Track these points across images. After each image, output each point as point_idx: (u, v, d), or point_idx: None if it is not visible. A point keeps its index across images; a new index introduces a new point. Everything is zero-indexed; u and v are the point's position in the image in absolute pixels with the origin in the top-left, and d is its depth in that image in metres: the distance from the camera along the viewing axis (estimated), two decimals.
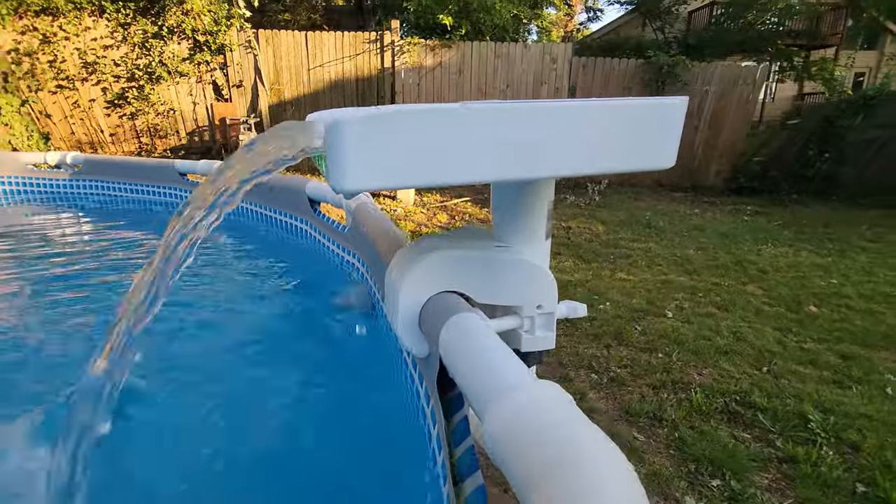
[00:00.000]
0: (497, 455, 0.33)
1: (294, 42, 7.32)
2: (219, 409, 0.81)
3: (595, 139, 0.41)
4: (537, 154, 0.40)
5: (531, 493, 0.28)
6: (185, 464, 0.70)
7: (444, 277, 0.54)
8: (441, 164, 0.39)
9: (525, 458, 0.30)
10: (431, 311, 0.53)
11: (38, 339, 1.13)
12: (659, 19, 11.84)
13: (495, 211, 0.60)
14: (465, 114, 0.38)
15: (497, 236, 0.60)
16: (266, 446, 0.73)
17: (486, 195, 6.74)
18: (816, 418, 2.12)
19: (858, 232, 5.65)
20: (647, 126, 0.42)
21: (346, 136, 0.36)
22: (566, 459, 0.28)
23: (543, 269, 0.57)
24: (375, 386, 0.83)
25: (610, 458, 0.28)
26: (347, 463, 0.66)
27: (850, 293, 3.66)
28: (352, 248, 1.17)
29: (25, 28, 6.39)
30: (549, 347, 0.58)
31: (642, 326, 2.97)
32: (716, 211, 6.88)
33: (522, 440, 0.31)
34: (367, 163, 0.37)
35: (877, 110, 7.28)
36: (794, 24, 11.82)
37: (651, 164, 0.44)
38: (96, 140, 7.14)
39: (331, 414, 0.79)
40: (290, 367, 0.94)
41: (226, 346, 1.02)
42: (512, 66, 7.68)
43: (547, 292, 0.57)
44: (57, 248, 1.84)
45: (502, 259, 0.55)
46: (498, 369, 0.39)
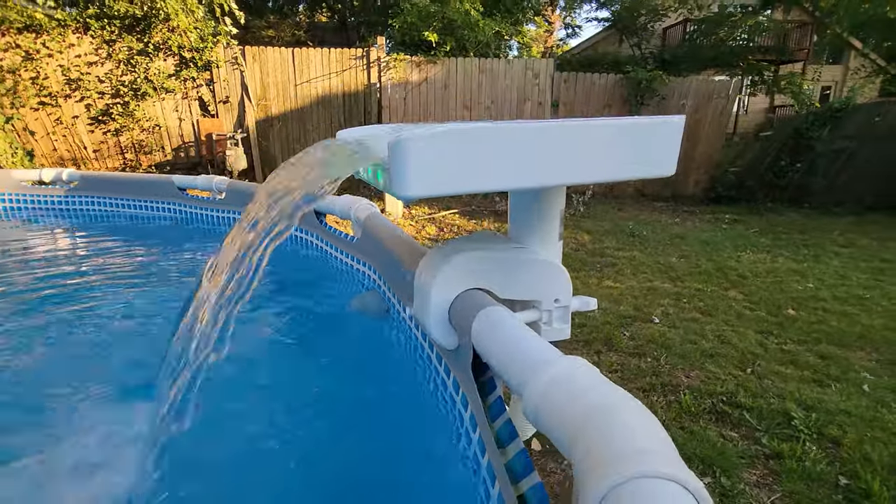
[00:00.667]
0: (540, 419, 0.39)
1: (281, 58, 7.39)
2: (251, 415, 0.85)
3: (613, 152, 0.49)
4: (564, 164, 0.48)
5: (574, 444, 0.35)
6: (230, 453, 0.73)
7: (470, 276, 0.61)
8: (484, 174, 0.45)
9: (565, 417, 0.37)
10: (460, 306, 0.59)
11: (39, 358, 1.14)
12: (635, 35, 12.26)
13: (513, 215, 0.67)
14: (504, 131, 0.45)
15: (514, 238, 0.67)
16: (298, 439, 0.77)
17: (473, 207, 6.84)
18: (799, 416, 2.21)
19: (831, 238, 5.89)
20: (653, 140, 0.50)
21: (409, 152, 0.43)
22: (600, 412, 0.34)
23: (559, 266, 0.64)
24: (397, 381, 0.88)
25: (636, 409, 0.34)
26: (383, 449, 0.71)
27: (826, 296, 3.82)
28: (362, 257, 1.23)
29: (8, 45, 6.34)
30: (565, 338, 0.64)
31: (630, 332, 3.06)
32: (696, 220, 7.09)
33: (561, 403, 0.38)
34: (426, 174, 0.44)
35: (844, 122, 7.63)
36: (764, 41, 12.35)
37: (657, 171, 0.52)
38: (79, 156, 7.07)
39: (358, 409, 0.84)
40: (310, 366, 0.98)
41: (244, 351, 1.06)
42: (496, 82, 7.86)
43: (563, 287, 0.64)
44: (51, 265, 1.84)
45: (522, 258, 0.62)
46: (530, 350, 0.45)
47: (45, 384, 1.03)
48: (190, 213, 2.15)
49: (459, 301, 0.60)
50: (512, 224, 0.67)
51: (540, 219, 0.64)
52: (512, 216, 0.67)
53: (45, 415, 0.90)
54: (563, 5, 16.77)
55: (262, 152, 7.69)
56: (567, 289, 0.64)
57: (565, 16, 17.97)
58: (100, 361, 1.11)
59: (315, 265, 1.49)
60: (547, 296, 0.63)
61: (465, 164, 0.44)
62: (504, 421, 0.49)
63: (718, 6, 11.84)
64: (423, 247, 0.87)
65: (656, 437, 0.30)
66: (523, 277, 0.62)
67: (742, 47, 11.47)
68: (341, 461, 0.70)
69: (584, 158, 0.48)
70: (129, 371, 1.07)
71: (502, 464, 0.45)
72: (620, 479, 0.26)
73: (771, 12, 12.55)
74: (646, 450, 0.28)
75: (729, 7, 11.73)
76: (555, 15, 17.36)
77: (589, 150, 0.48)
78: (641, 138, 0.49)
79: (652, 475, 0.26)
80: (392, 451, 0.71)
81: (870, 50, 13.57)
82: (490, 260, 0.61)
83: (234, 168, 6.93)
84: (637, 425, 0.31)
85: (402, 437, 0.74)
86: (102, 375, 1.04)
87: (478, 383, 0.55)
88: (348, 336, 1.07)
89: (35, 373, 1.08)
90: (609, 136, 0.48)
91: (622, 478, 0.26)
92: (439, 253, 0.63)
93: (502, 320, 0.51)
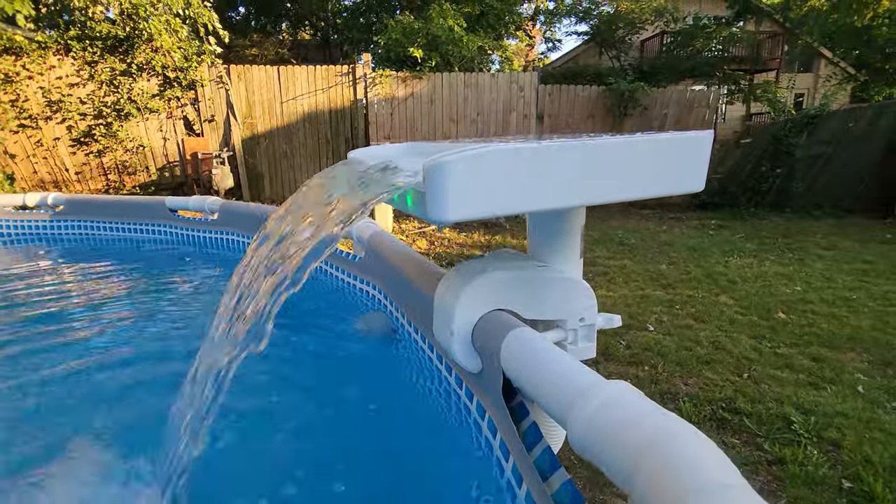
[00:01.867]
0: (589, 448, 0.38)
1: (266, 76, 7.38)
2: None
3: (647, 168, 0.49)
4: (600, 183, 0.47)
5: (635, 474, 0.33)
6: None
7: (493, 296, 0.60)
8: (524, 195, 0.45)
9: (619, 445, 0.35)
10: (485, 328, 0.58)
11: (27, 387, 1.09)
12: (614, 48, 12.54)
13: (533, 233, 0.66)
14: (543, 151, 0.44)
15: (535, 256, 0.66)
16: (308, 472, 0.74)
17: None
18: (798, 419, 2.22)
19: (814, 241, 6.01)
20: (684, 156, 0.50)
21: (449, 174, 0.42)
22: (662, 439, 0.33)
23: (583, 283, 0.63)
24: (409, 406, 0.85)
25: (697, 435, 0.33)
26: (407, 484, 0.68)
27: (814, 299, 3.89)
28: (366, 277, 1.21)
29: None
30: (590, 357, 0.63)
31: (626, 341, 3.07)
32: (682, 226, 7.19)
33: (613, 430, 0.37)
34: (464, 197, 0.43)
35: (819, 128, 7.86)
36: (738, 51, 12.72)
37: (687, 188, 0.52)
38: (61, 179, 6.94)
39: (373, 438, 0.81)
40: (315, 393, 0.95)
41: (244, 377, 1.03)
42: (482, 95, 7.95)
43: (588, 305, 0.63)
44: (36, 292, 1.78)
45: (546, 277, 0.61)
46: (570, 374, 0.44)
47: (33, 415, 0.98)
48: (182, 235, 2.11)
49: (483, 322, 0.59)
50: (532, 242, 0.67)
51: (563, 236, 0.63)
52: (532, 234, 0.66)
53: (32, 452, 0.85)
54: (543, 20, 17.11)
55: (248, 170, 7.64)
56: (592, 307, 0.63)
57: (545, 30, 18.32)
58: (94, 390, 1.07)
59: (317, 286, 1.46)
60: (572, 315, 0.62)
61: (504, 186, 0.44)
62: (543, 449, 0.47)
63: (693, 18, 12.18)
64: (433, 264, 0.86)
65: (731, 469, 0.29)
66: (548, 296, 0.61)
67: (717, 58, 11.80)
68: (361, 489, 0.68)
69: (624, 175, 0.48)
70: (125, 398, 1.03)
71: (548, 495, 0.44)
72: None
73: (743, 24, 12.95)
74: (729, 484, 0.27)
75: (703, 19, 12.08)
76: (535, 29, 17.68)
77: (629, 167, 0.48)
78: (673, 154, 0.49)
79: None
80: (409, 479, 0.69)
81: (839, 58, 14.07)
82: (514, 279, 0.60)
83: (220, 187, 6.87)
84: (708, 456, 0.30)
85: (420, 463, 0.71)
86: (96, 404, 1.00)
87: (508, 408, 0.54)
88: (353, 359, 1.05)
89: (24, 401, 1.03)
90: (649, 152, 0.48)
91: None
92: (460, 273, 0.62)
93: (533, 342, 0.50)
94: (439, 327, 0.64)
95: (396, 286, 0.99)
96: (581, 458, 0.39)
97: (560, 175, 0.45)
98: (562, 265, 0.64)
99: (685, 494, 0.27)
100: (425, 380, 0.84)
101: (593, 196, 0.48)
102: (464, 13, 9.74)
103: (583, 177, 0.46)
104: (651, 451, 0.32)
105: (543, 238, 0.65)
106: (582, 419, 0.39)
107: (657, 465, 0.31)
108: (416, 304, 0.84)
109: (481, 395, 0.63)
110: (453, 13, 8.61)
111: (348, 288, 1.29)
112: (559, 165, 0.45)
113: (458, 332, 0.59)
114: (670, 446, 0.32)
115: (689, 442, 0.32)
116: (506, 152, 0.43)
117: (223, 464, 0.78)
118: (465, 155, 0.42)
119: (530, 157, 0.44)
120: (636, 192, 0.49)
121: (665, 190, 0.51)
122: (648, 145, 0.48)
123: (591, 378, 0.41)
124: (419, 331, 0.88)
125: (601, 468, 0.37)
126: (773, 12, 13.33)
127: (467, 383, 0.68)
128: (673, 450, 0.31)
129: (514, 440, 0.51)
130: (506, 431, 0.54)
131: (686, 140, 0.50)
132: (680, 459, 0.30)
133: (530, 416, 0.52)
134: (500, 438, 0.56)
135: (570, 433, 0.40)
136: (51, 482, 0.77)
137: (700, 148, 0.50)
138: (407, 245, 1.03)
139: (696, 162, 0.51)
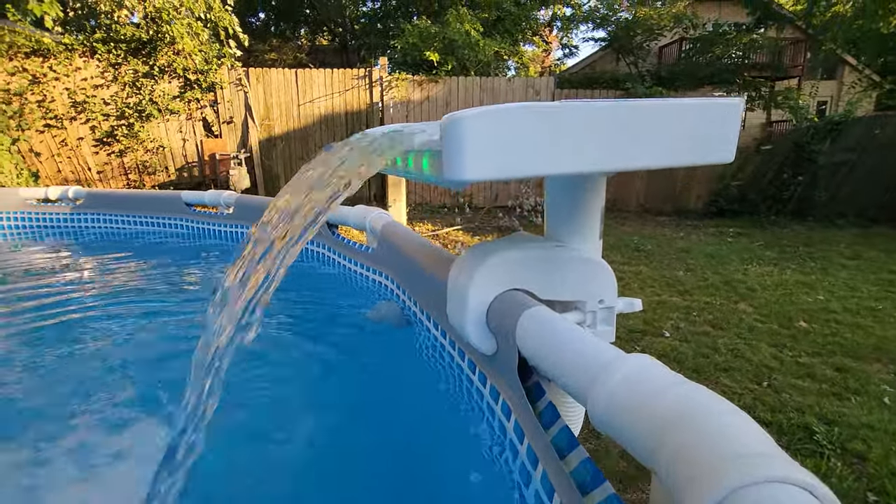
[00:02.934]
0: (612, 423, 0.36)
1: (284, 79, 7.48)
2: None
3: (675, 135, 0.46)
4: (625, 148, 0.45)
5: (660, 448, 0.31)
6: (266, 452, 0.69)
7: (508, 277, 0.58)
8: (543, 157, 0.43)
9: (644, 419, 0.33)
10: (499, 308, 0.56)
11: (45, 375, 1.11)
12: (631, 54, 12.43)
13: (550, 212, 0.64)
14: (565, 111, 0.42)
15: (553, 237, 0.64)
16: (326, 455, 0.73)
17: (476, 224, 6.83)
18: (821, 430, 2.15)
19: (838, 250, 5.85)
20: (712, 123, 0.48)
21: (467, 130, 0.40)
22: (691, 410, 0.31)
23: (603, 263, 0.60)
24: (424, 392, 0.84)
25: (727, 405, 0.31)
26: (426, 464, 0.67)
27: (837, 308, 3.77)
28: (379, 267, 1.19)
29: (15, 69, 6.43)
30: (609, 341, 0.61)
31: (642, 346, 3.01)
32: (700, 233, 7.07)
33: (637, 404, 0.34)
34: (483, 155, 0.41)
35: (844, 135, 7.67)
36: (759, 58, 12.52)
37: (715, 157, 0.49)
38: (83, 178, 7.10)
39: (384, 421, 0.80)
40: (329, 381, 0.94)
41: (259, 366, 1.02)
42: (497, 99, 7.94)
43: (608, 287, 0.60)
44: (56, 282, 1.81)
45: (563, 256, 0.59)
46: (589, 350, 0.42)
47: (52, 403, 0.99)
48: (198, 229, 2.13)
49: (498, 303, 0.56)
50: (549, 221, 0.64)
51: (581, 214, 0.60)
52: (549, 213, 0.64)
53: (50, 436, 0.86)
54: (560, 26, 17.08)
55: (265, 171, 7.73)
56: (612, 288, 0.61)
57: (562, 36, 18.28)
58: (110, 378, 1.07)
59: (330, 277, 1.45)
60: (591, 296, 0.59)
61: (525, 146, 0.42)
62: (560, 428, 0.45)
63: (713, 25, 12.04)
64: (447, 251, 0.84)
65: (765, 437, 0.27)
66: (565, 277, 0.58)
67: (738, 64, 11.63)
68: (374, 483, 0.66)
69: (651, 141, 0.45)
70: (141, 385, 1.03)
71: (566, 473, 0.41)
72: (743, 481, 0.23)
73: (764, 30, 12.76)
74: (764, 453, 0.24)
75: (723, 26, 11.92)
76: (552, 35, 17.66)
77: (656, 133, 0.45)
78: (702, 120, 0.47)
79: (780, 479, 0.23)
80: (423, 462, 0.67)
81: (864, 65, 13.77)
82: (529, 259, 0.58)
83: (237, 187, 6.96)
84: (740, 425, 0.28)
85: (434, 448, 0.69)
86: (113, 391, 1.00)
87: (524, 388, 0.51)
88: (367, 349, 1.04)
89: (42, 390, 1.04)
90: (677, 118, 0.45)
91: (747, 480, 0.23)
92: (474, 254, 0.60)
93: (551, 320, 0.47)
94: (453, 309, 0.62)
95: (409, 275, 0.98)
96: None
97: (583, 137, 0.43)
98: (580, 244, 0.61)
99: (721, 462, 0.25)
100: (438, 366, 0.82)
101: (617, 162, 0.45)
102: (481, 18, 9.78)
103: (607, 141, 0.44)
104: (679, 423, 0.30)
105: (562, 217, 0.62)
106: (604, 394, 0.37)
107: (686, 437, 0.29)
108: (430, 290, 0.82)
109: (495, 378, 0.61)
110: (470, 18, 8.64)
111: (360, 278, 1.28)
112: (582, 127, 0.43)
113: (472, 313, 0.57)
114: (701, 416, 0.29)
115: (722, 412, 0.29)
116: (528, 110, 0.42)
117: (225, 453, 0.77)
118: (485, 110, 0.40)
119: (553, 116, 0.42)
120: (663, 160, 0.47)
121: (693, 158, 0.48)
122: (677, 110, 0.46)
123: (612, 353, 0.39)
124: (431, 318, 0.86)
125: (624, 445, 0.35)
126: (796, 18, 13.11)
127: (481, 367, 0.66)
128: (704, 420, 0.29)
129: (531, 420, 0.49)
130: (521, 412, 0.52)
131: (716, 106, 0.47)
132: (713, 429, 0.28)
133: (546, 395, 0.50)
134: (514, 421, 0.54)
135: (591, 410, 0.38)
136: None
137: (730, 115, 0.48)
138: (418, 234, 1.01)
139: (725, 130, 0.48)
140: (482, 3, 11.44)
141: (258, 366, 1.02)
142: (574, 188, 0.59)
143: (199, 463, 0.61)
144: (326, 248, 1.51)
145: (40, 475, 0.75)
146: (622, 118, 0.44)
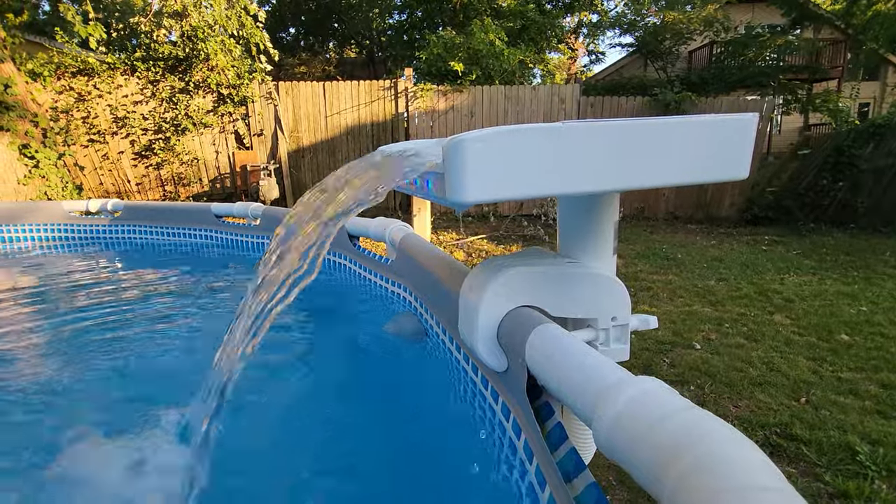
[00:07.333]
0: (616, 447, 0.35)
1: (312, 92, 7.67)
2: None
3: (685, 152, 0.46)
4: (631, 167, 0.44)
5: (662, 473, 0.30)
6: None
7: (519, 293, 0.57)
8: (548, 178, 0.43)
9: (648, 443, 0.32)
10: (510, 325, 0.56)
11: (87, 382, 1.15)
12: (660, 59, 12.24)
13: (563, 229, 0.63)
14: (566, 131, 0.42)
15: (566, 253, 0.63)
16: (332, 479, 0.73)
17: (500, 232, 6.80)
18: (864, 450, 2.04)
19: (882, 259, 5.57)
20: (725, 140, 0.46)
21: (467, 153, 0.40)
22: (695, 436, 0.30)
23: (616, 281, 0.59)
24: (438, 406, 0.84)
25: (733, 433, 0.30)
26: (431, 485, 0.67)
27: (882, 321, 3.58)
28: (398, 279, 1.21)
29: (63, 88, 6.82)
30: (623, 359, 0.59)
31: (671, 358, 2.93)
32: (733, 242, 6.84)
33: (642, 428, 0.33)
34: (484, 177, 0.41)
35: (887, 138, 7.32)
36: (795, 59, 12.12)
37: (728, 174, 0.48)
38: (123, 190, 7.43)
39: (397, 435, 0.80)
40: (346, 392, 0.95)
41: (276, 377, 1.05)
42: (522, 108, 7.93)
43: (621, 304, 0.59)
44: (95, 290, 1.90)
45: (576, 273, 0.58)
46: (597, 370, 0.41)
47: (93, 408, 1.03)
48: (227, 240, 2.20)
49: (509, 319, 0.56)
50: (562, 238, 0.64)
51: (594, 230, 0.60)
52: (562, 229, 0.63)
53: (97, 441, 0.90)
54: (586, 32, 16.96)
55: (293, 182, 7.91)
56: (625, 305, 0.59)
57: (588, 42, 18.14)
58: (145, 384, 1.11)
59: (349, 288, 1.48)
60: (603, 313, 0.59)
61: (528, 167, 0.42)
62: (567, 450, 0.44)
63: (745, 27, 11.73)
64: (464, 266, 0.85)
65: (773, 470, 0.26)
66: (577, 293, 0.58)
67: (772, 67, 11.28)
68: (382, 494, 0.66)
69: (660, 159, 0.44)
70: (176, 390, 1.07)
71: (571, 498, 0.41)
72: None
73: (801, 31, 12.36)
74: (768, 486, 0.24)
75: (756, 28, 11.61)
76: (578, 42, 17.55)
77: (665, 151, 0.44)
78: (714, 138, 0.46)
79: None
80: (433, 479, 0.67)
81: None
82: (541, 275, 0.57)
83: (266, 197, 7.15)
84: (746, 455, 0.27)
85: (444, 464, 0.69)
86: (150, 395, 1.04)
87: (532, 408, 0.51)
88: (385, 360, 1.04)
89: (82, 397, 1.08)
90: (688, 135, 0.45)
91: None
92: (486, 269, 0.60)
93: (560, 338, 0.47)
94: (464, 324, 0.62)
95: (427, 287, 0.98)
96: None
97: (588, 157, 0.43)
98: (593, 261, 0.61)
99: (723, 495, 0.24)
100: (453, 380, 0.82)
101: (625, 181, 0.45)
102: (506, 28, 9.82)
103: (613, 160, 0.44)
104: (682, 450, 0.29)
105: (573, 233, 0.62)
106: (608, 417, 0.36)
107: (689, 464, 0.28)
108: (445, 303, 0.82)
109: (506, 395, 0.60)
110: (495, 28, 8.68)
111: (379, 290, 1.29)
112: (588, 147, 0.43)
113: (482, 329, 0.57)
114: (704, 444, 0.28)
115: (726, 439, 0.28)
116: (530, 132, 0.42)
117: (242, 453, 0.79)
118: (485, 133, 0.41)
119: (556, 137, 0.42)
120: (673, 178, 0.46)
121: (705, 176, 0.47)
122: (687, 128, 0.45)
123: (619, 374, 0.38)
124: (447, 331, 0.86)
125: (630, 471, 0.34)
126: (834, 18, 12.65)
127: (493, 383, 0.65)
128: (707, 447, 0.28)
129: (538, 440, 0.49)
130: (530, 432, 0.51)
131: (728, 123, 0.46)
132: (715, 458, 0.27)
133: (555, 416, 0.49)
134: (524, 439, 0.53)
135: (595, 433, 0.37)
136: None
137: (744, 132, 0.46)
138: (437, 247, 1.02)
139: (739, 147, 0.47)
140: (507, 13, 11.50)
141: (276, 370, 1.05)
142: (585, 204, 0.59)
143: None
144: (347, 258, 1.54)
145: (94, 477, 0.79)
146: (628, 137, 0.43)
